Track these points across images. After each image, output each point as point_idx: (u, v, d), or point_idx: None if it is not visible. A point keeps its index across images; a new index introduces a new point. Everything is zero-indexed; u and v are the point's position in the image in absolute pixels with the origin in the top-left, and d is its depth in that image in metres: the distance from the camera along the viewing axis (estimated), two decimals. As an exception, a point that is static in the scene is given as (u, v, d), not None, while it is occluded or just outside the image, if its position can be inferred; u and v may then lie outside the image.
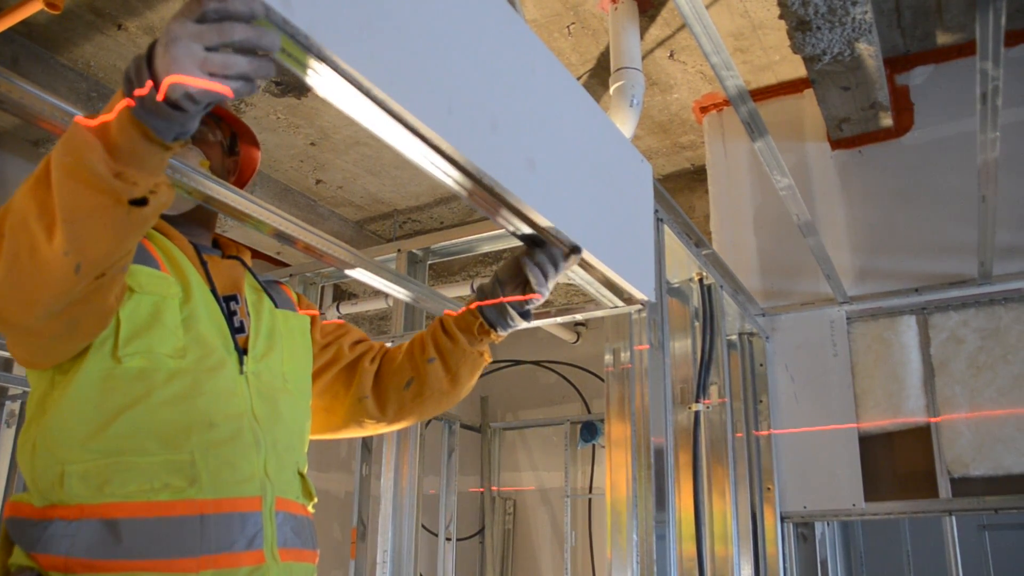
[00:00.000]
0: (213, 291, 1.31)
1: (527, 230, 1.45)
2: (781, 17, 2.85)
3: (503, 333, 1.54)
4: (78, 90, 3.70)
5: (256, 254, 5.42)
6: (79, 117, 0.95)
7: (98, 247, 1.01)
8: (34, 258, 1.00)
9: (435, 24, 1.29)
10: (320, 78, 1.04)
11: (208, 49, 0.87)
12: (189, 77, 0.87)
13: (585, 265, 1.64)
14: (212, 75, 0.88)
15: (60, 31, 3.47)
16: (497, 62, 1.48)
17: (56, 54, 3.62)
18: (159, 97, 0.89)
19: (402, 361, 1.58)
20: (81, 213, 0.96)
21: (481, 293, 1.54)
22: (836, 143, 3.73)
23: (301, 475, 1.37)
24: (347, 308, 5.59)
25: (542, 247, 1.49)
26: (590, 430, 6.07)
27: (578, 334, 6.53)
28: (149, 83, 0.89)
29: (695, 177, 4.80)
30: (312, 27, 1.00)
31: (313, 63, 1.01)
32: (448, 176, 1.33)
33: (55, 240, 0.97)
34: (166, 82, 0.88)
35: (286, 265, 5.27)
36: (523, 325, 1.54)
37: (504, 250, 4.36)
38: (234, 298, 1.35)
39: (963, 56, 3.56)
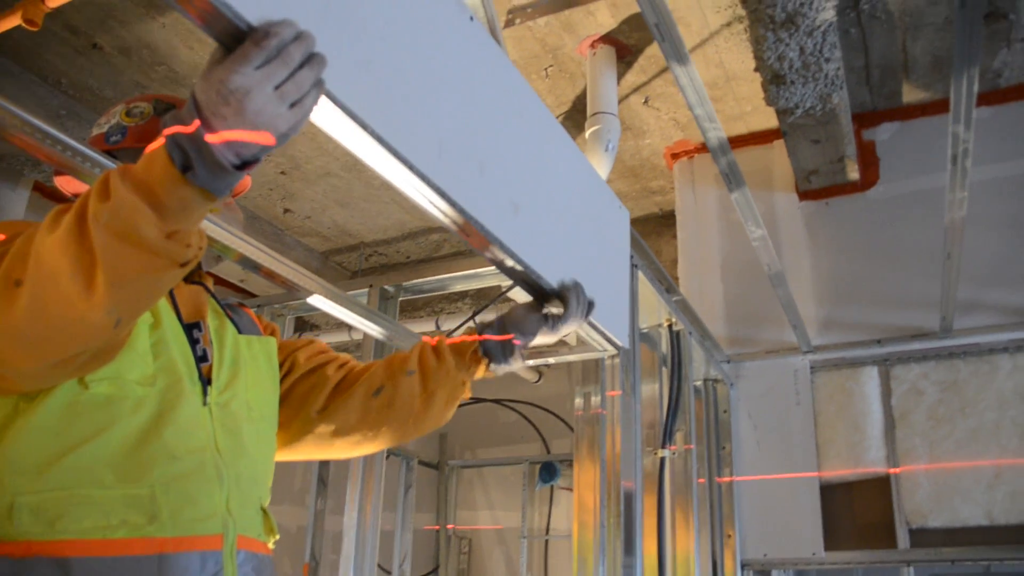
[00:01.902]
0: (179, 317, 1.27)
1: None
2: (756, 70, 2.91)
3: (495, 368, 1.51)
4: (48, 106, 3.64)
5: (219, 281, 5.34)
6: (114, 171, 0.92)
7: (143, 304, 1.00)
8: (68, 315, 0.95)
9: (427, 65, 1.29)
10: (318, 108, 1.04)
11: (276, 86, 0.86)
12: (276, 123, 0.87)
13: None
14: (292, 104, 0.88)
15: (33, 46, 3.42)
16: (486, 104, 1.49)
17: (27, 68, 3.56)
18: (227, 135, 0.87)
19: (376, 370, 1.51)
20: (131, 276, 0.93)
21: (485, 326, 1.52)
22: (804, 194, 3.80)
23: (263, 510, 1.33)
24: (309, 339, 5.52)
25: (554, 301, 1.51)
26: (549, 471, 6.02)
27: (540, 373, 6.51)
28: (219, 138, 0.87)
29: (663, 222, 4.85)
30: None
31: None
32: (437, 209, 1.33)
33: (95, 298, 0.93)
34: (256, 137, 0.87)
35: (252, 295, 5.20)
36: (519, 364, 1.52)
37: (469, 290, 4.32)
38: (197, 325, 1.31)
39: (927, 115, 3.67)
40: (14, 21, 2.41)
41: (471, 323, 1.59)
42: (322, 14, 1.03)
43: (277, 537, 1.36)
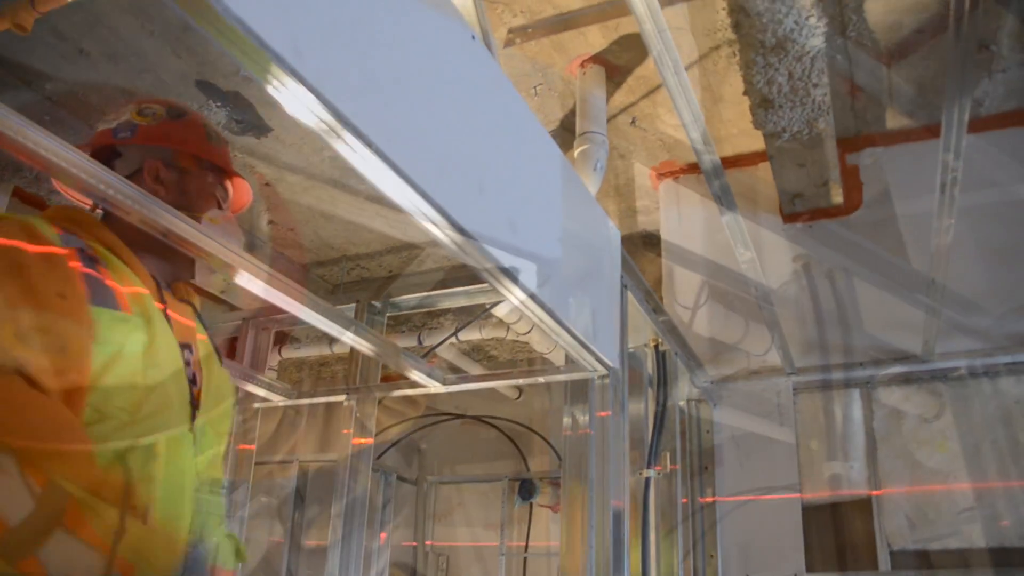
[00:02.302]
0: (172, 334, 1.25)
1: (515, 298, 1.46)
2: (745, 93, 2.93)
3: None
4: (31, 112, 3.58)
5: (199, 292, 5.29)
6: None
7: None
8: None
9: (431, 83, 1.28)
10: (323, 125, 1.04)
11: None
12: None
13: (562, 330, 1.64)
14: None
15: (17, 50, 3.38)
16: (486, 123, 1.48)
17: (10, 72, 3.52)
18: None
19: None
20: None
21: None
22: (788, 216, 3.83)
23: (229, 535, 1.31)
24: (289, 352, 5.49)
25: None
26: (528, 488, 5.99)
27: (520, 391, 6.50)
28: None
29: (646, 241, 4.87)
30: (319, 80, 1.00)
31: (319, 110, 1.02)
32: (436, 226, 1.32)
33: None
34: None
35: (233, 308, 5.15)
36: None
37: (450, 308, 4.27)
38: (188, 346, 1.29)
39: (910, 141, 3.72)
40: (3, 26, 2.37)
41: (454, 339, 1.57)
42: (329, 31, 1.02)
43: (246, 561, 1.34)
